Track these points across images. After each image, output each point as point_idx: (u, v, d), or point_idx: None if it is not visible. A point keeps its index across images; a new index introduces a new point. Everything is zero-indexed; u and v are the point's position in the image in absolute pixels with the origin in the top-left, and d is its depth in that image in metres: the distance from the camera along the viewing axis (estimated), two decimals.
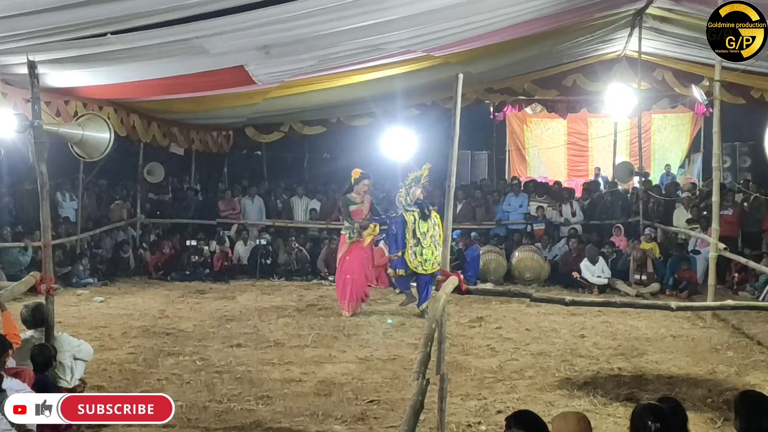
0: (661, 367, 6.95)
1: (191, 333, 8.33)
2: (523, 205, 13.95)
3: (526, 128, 18.87)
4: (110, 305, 10.15)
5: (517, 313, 9.56)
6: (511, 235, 13.47)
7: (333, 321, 8.99)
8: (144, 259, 13.24)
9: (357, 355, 7.25)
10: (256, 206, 14.64)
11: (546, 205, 13.88)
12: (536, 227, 13.66)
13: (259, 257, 12.97)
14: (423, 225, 9.29)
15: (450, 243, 5.38)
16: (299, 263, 12.93)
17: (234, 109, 12.65)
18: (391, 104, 13.71)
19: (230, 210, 14.48)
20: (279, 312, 9.60)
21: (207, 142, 14.98)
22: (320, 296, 10.97)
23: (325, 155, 19.40)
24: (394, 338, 8.10)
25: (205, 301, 10.61)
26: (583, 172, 18.59)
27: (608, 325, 8.89)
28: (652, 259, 11.83)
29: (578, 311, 9.38)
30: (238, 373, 6.60)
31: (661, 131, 18.38)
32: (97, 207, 14.44)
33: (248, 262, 13.23)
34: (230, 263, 13.06)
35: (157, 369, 6.75)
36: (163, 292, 11.38)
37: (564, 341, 8.01)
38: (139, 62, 7.77)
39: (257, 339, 7.97)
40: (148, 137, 12.51)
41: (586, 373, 6.74)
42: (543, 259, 12.49)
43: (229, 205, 14.54)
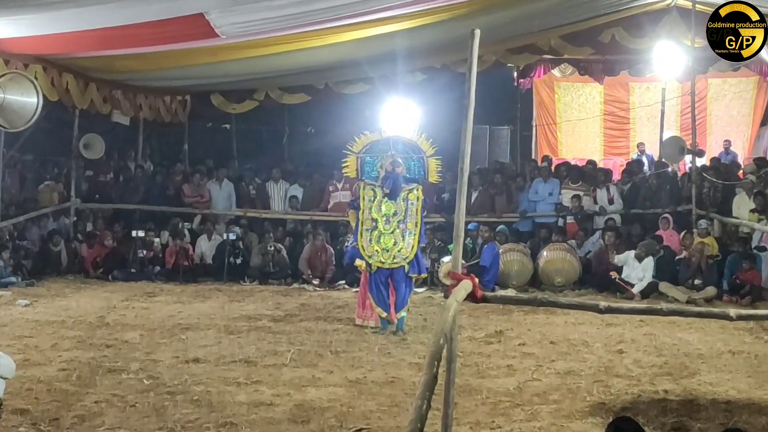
0: (717, 389, 6.96)
1: (137, 345, 8.31)
2: (553, 193, 13.96)
3: (558, 97, 18.85)
4: (37, 310, 10.10)
5: (544, 326, 9.56)
6: (539, 231, 13.49)
7: (318, 335, 8.97)
8: (79, 253, 13.21)
9: (347, 377, 7.23)
10: (223, 192, 14.60)
11: (582, 193, 13.87)
12: (569, 221, 13.69)
13: (226, 255, 12.95)
14: (387, 205, 9.17)
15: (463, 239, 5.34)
16: (276, 264, 12.92)
17: (193, 69, 12.59)
18: (390, 68, 13.66)
19: (197, 197, 14.41)
20: (250, 323, 9.58)
21: (158, 108, 14.94)
22: (302, 304, 10.92)
23: (310, 130, 19.36)
24: (393, 356, 8.08)
25: (156, 306, 10.58)
26: (622, 149, 18.61)
27: (652, 337, 8.90)
28: (708, 257, 11.85)
29: (615, 320, 9.36)
30: (195, 395, 6.58)
31: (720, 99, 18.38)
32: (21, 189, 14.38)
33: (213, 262, 13.23)
34: (191, 262, 13.05)
35: (94, 389, 6.72)
36: (103, 295, 11.33)
37: (597, 357, 8.01)
38: (74, 8, 7.71)
39: (220, 354, 7.95)
40: (84, 103, 12.44)
41: (624, 396, 6.74)
42: (577, 260, 12.54)
43: (196, 191, 14.46)
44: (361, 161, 9.48)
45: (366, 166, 9.50)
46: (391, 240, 9.12)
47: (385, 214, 9.16)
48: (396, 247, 9.10)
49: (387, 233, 9.12)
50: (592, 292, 12.03)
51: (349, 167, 9.60)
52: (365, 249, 9.13)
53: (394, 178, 9.12)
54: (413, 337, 8.94)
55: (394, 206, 9.17)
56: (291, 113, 18.23)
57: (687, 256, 12.09)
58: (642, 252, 11.90)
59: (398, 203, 9.18)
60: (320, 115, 18.18)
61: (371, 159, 9.47)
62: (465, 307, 6.07)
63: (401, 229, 9.14)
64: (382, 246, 9.11)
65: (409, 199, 9.22)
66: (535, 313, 10.04)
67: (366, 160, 9.49)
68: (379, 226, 9.14)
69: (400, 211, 9.18)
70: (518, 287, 12.21)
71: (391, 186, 9.10)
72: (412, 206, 9.20)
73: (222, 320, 9.65)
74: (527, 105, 19.01)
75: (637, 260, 11.86)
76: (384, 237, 9.13)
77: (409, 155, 9.45)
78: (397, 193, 9.13)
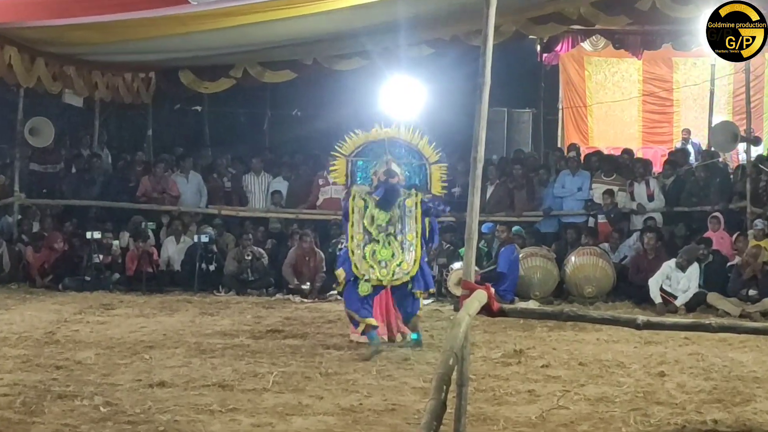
0: None
1: (93, 366, 8.29)
2: (583, 188, 14.00)
3: (588, 75, 18.85)
4: None
5: (572, 344, 9.57)
6: (565, 232, 13.53)
7: (306, 354, 8.96)
8: (24, 258, 13.23)
9: (339, 404, 7.21)
10: (192, 186, 14.62)
11: (617, 188, 13.89)
12: (601, 221, 13.71)
13: (198, 261, 12.97)
14: (381, 215, 9.08)
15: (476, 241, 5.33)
16: (256, 271, 12.95)
17: (158, 42, 12.59)
18: (392, 40, 13.62)
19: (160, 191, 14.41)
20: (226, 340, 9.56)
21: (117, 88, 14.92)
22: (287, 318, 10.92)
23: (296, 112, 19.39)
24: (394, 379, 8.07)
25: (114, 321, 10.58)
26: (664, 136, 18.66)
27: (699, 358, 8.89)
28: (765, 263, 11.85)
29: (656, 338, 9.36)
30: (160, 424, 6.57)
31: None
32: None
33: (182, 268, 13.27)
34: (155, 269, 13.06)
35: (42, 417, 6.70)
36: (52, 307, 11.33)
37: (635, 381, 8.01)
38: None
39: (190, 376, 7.94)
40: (30, 80, 12.44)
41: (666, 427, 6.73)
42: (611, 266, 12.56)
43: (159, 185, 14.45)
44: (352, 165, 9.46)
45: (358, 171, 9.47)
46: (389, 252, 9.03)
47: (378, 225, 9.09)
48: (395, 260, 9.02)
49: (383, 245, 9.06)
50: (629, 304, 12.04)
51: (337, 172, 9.56)
52: (359, 267, 9.02)
53: (389, 188, 9.07)
54: (418, 357, 8.92)
55: (387, 215, 9.10)
56: (274, 94, 18.26)
57: (740, 263, 12.08)
58: (683, 260, 11.88)
59: (392, 211, 9.12)
60: (308, 95, 18.22)
61: (363, 163, 9.44)
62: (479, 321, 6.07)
63: (399, 240, 9.07)
64: (377, 259, 9.02)
65: (406, 205, 9.11)
66: (561, 329, 10.04)
67: (358, 164, 9.47)
68: (374, 238, 9.06)
69: (395, 220, 9.10)
70: (541, 298, 12.24)
71: (382, 194, 9.03)
72: (410, 214, 9.10)
73: (192, 337, 9.64)
74: (552, 84, 19.06)
75: (680, 269, 11.85)
76: (380, 250, 9.05)
77: (409, 161, 9.42)
78: (391, 204, 9.07)
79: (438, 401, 3.71)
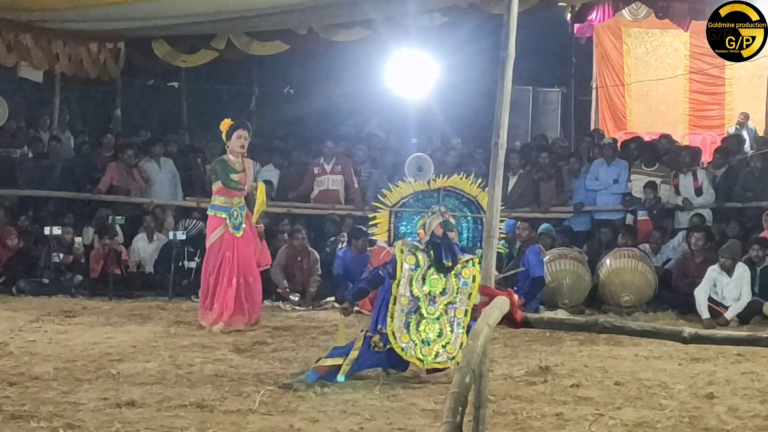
0: None
1: (51, 382, 8.30)
2: (620, 179, 14.04)
3: (627, 49, 18.84)
4: None
5: (607, 360, 9.57)
6: (599, 230, 13.55)
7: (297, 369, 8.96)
8: None
9: (336, 428, 7.23)
10: (164, 174, 14.63)
11: (659, 180, 13.89)
12: (641, 218, 13.71)
13: (173, 262, 12.99)
14: (434, 280, 8.71)
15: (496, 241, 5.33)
16: None
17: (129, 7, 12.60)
18: (399, 7, 13.63)
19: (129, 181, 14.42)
20: (205, 353, 9.59)
21: (81, 60, 14.92)
22: (276, 328, 10.97)
23: (288, 90, 19.40)
24: (401, 399, 8.07)
25: (76, 330, 10.59)
26: (715, 120, 18.66)
27: (754, 377, 8.89)
28: None
29: (703, 354, 9.37)
30: None
31: None
32: None
33: (155, 270, 13.32)
34: (124, 270, 13.11)
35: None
36: (5, 314, 11.36)
37: (679, 404, 8.01)
38: None
39: (164, 395, 7.95)
40: None
41: None
42: (652, 271, 12.56)
43: (127, 175, 14.46)
44: (396, 219, 9.25)
45: (401, 225, 9.25)
46: (436, 328, 8.64)
47: (430, 292, 8.71)
48: (441, 339, 8.63)
49: (431, 319, 8.64)
50: (672, 315, 12.06)
51: (380, 227, 9.34)
52: (397, 338, 8.58)
53: (448, 244, 8.75)
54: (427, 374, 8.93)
55: (443, 282, 8.75)
56: (262, 68, 18.30)
57: None
58: (726, 259, 11.76)
59: (449, 279, 8.79)
60: (302, 70, 18.25)
61: (408, 215, 9.23)
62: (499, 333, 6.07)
63: (450, 317, 8.70)
64: (422, 336, 8.62)
65: (462, 276, 8.76)
66: (593, 342, 10.06)
67: (402, 216, 9.25)
68: (421, 308, 8.68)
69: (451, 291, 8.73)
70: (571, 307, 12.24)
71: (443, 252, 8.66)
72: (465, 288, 8.73)
73: (167, 349, 9.65)
74: (585, 60, 19.10)
75: (725, 273, 11.80)
76: (426, 324, 8.65)
77: (463, 213, 9.23)
78: (452, 264, 8.71)
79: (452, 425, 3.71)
